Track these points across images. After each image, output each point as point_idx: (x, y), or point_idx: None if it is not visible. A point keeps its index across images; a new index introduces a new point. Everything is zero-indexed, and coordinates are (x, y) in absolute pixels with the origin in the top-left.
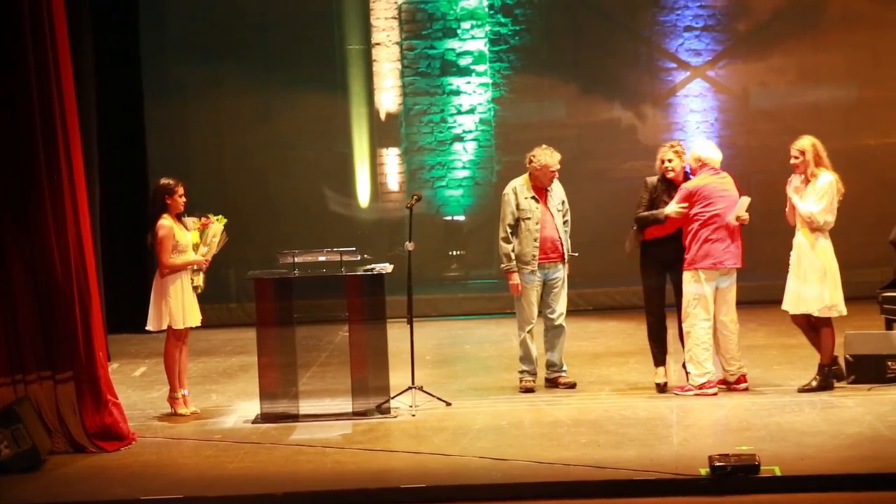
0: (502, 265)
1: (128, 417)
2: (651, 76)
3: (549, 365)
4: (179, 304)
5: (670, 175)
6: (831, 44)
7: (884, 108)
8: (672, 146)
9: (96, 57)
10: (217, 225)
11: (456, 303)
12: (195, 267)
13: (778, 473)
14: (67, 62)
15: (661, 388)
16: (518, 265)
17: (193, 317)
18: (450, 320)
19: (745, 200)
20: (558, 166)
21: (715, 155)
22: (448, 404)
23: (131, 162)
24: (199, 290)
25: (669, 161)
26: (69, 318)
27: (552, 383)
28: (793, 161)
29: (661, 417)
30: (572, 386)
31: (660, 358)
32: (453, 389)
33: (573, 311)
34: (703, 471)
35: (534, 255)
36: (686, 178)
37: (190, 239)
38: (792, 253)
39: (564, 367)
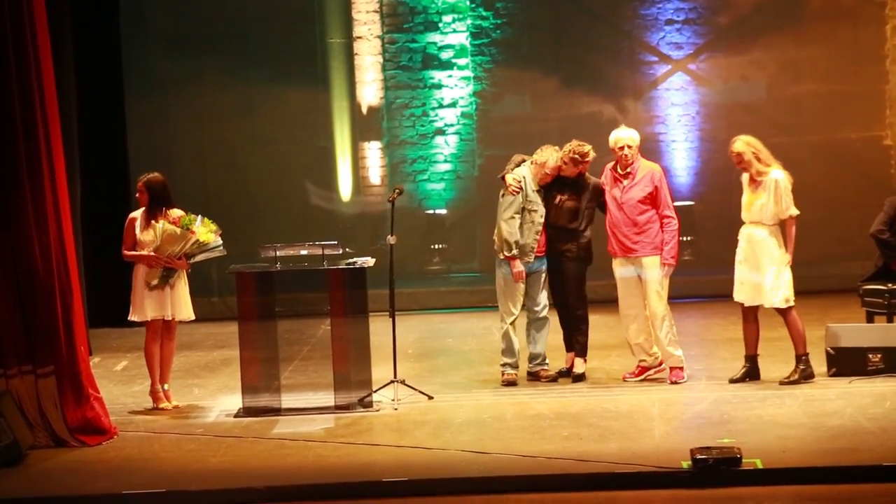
0: (506, 251)
1: (109, 412)
2: (632, 70)
3: (532, 358)
4: (139, 297)
5: (564, 172)
6: (812, 38)
7: (864, 101)
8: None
9: (77, 51)
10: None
11: (438, 296)
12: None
13: (759, 466)
14: (48, 57)
15: (566, 374)
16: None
17: (151, 310)
18: (432, 314)
19: None
20: (554, 172)
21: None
22: (430, 398)
23: (112, 156)
24: (151, 286)
25: (584, 158)
26: (50, 312)
27: (534, 376)
28: (737, 165)
29: (642, 410)
30: (554, 379)
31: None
32: (435, 383)
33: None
34: (685, 463)
35: (533, 248)
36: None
37: (158, 237)
38: (742, 245)
39: (547, 361)
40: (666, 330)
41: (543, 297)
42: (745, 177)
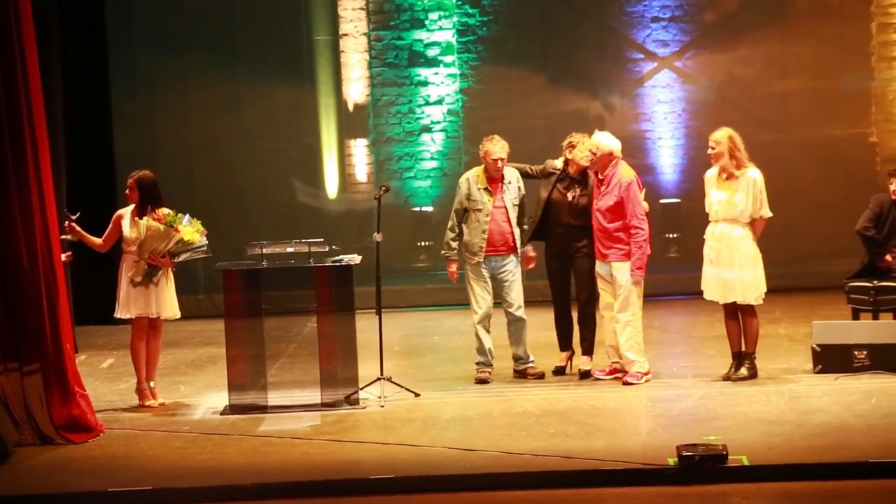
0: (442, 251)
1: (95, 409)
2: (619, 67)
3: (516, 358)
4: (124, 294)
5: (584, 164)
6: (798, 35)
7: (850, 98)
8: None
9: (63, 49)
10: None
11: (424, 294)
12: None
13: (746, 463)
14: (34, 54)
15: (561, 371)
16: (466, 255)
17: (134, 308)
18: (418, 311)
19: None
20: (502, 155)
21: (619, 146)
22: (417, 395)
23: (99, 154)
24: (135, 283)
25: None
26: (36, 309)
27: (521, 375)
28: (709, 151)
29: (629, 407)
30: (541, 376)
31: (565, 344)
32: (422, 380)
33: (542, 301)
34: (671, 460)
35: (481, 247)
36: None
37: (141, 235)
38: (712, 243)
39: (531, 358)
40: (627, 336)
41: (517, 297)
42: (709, 175)
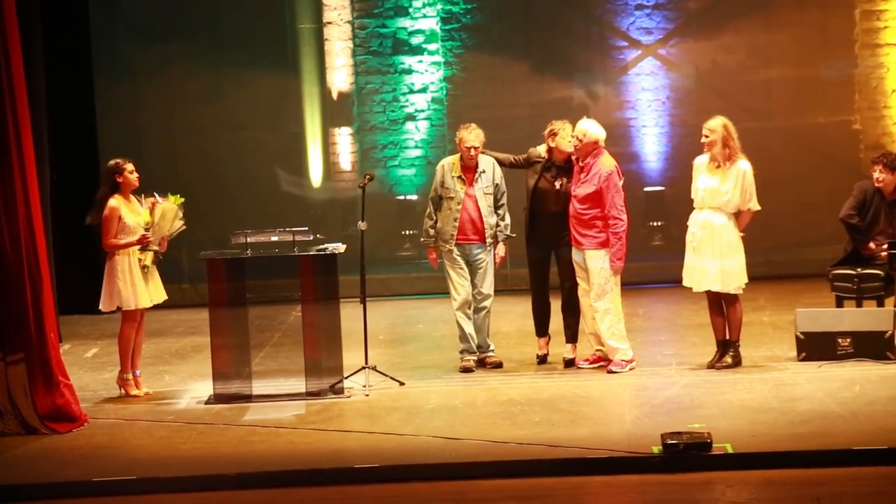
0: (421, 239)
1: (80, 399)
2: (603, 55)
3: (477, 347)
4: (128, 285)
5: (569, 150)
6: (782, 23)
7: (833, 86)
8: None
9: (46, 38)
10: (168, 204)
11: (409, 282)
12: (146, 245)
13: (730, 451)
14: (16, 43)
15: (543, 360)
16: (439, 242)
17: (144, 298)
18: (403, 300)
19: None
20: (476, 143)
21: (604, 135)
22: (401, 384)
23: (82, 143)
24: (147, 270)
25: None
26: (20, 299)
27: (481, 363)
28: (703, 140)
29: (613, 396)
30: (499, 365)
31: (542, 329)
32: (406, 369)
33: (525, 289)
34: (656, 449)
35: (452, 235)
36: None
37: (142, 220)
38: (694, 231)
39: (491, 347)
40: (608, 324)
41: (486, 287)
42: (699, 162)
